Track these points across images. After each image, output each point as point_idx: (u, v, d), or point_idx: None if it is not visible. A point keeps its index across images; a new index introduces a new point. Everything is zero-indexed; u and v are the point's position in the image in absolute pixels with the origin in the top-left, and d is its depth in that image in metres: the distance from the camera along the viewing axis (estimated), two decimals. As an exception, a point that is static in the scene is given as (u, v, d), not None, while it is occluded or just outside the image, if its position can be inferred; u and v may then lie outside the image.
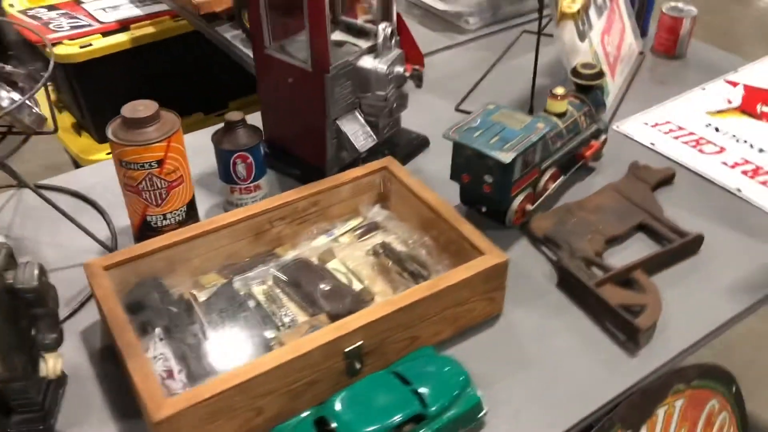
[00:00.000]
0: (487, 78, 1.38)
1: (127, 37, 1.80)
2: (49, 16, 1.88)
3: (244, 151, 0.98)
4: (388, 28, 1.03)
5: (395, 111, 1.08)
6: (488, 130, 0.93)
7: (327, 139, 1.05)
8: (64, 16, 1.88)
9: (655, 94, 1.32)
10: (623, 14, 1.39)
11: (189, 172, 0.97)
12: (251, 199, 1.02)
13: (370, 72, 1.02)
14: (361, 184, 0.97)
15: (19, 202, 1.10)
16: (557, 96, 1.03)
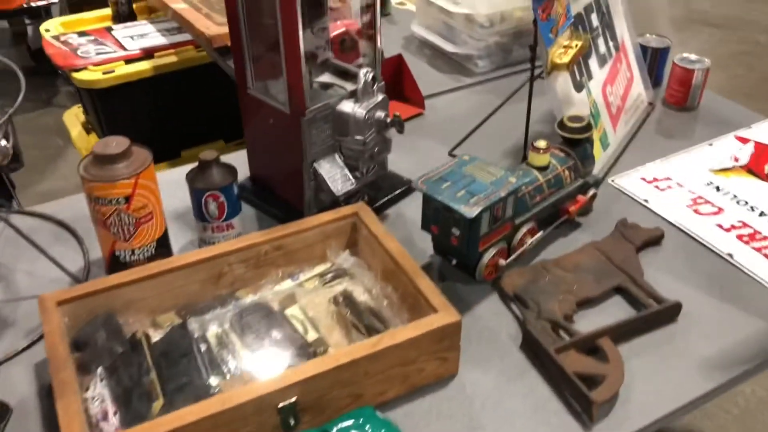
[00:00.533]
0: (489, 122, 1.36)
1: (149, 65, 1.85)
2: (78, 42, 1.94)
3: (216, 191, 0.98)
4: (370, 74, 1.02)
5: (377, 155, 1.07)
6: (457, 182, 0.91)
7: (305, 181, 1.04)
8: (93, 42, 1.94)
9: (660, 147, 1.27)
10: (632, 64, 1.36)
11: (160, 209, 0.98)
12: (223, 238, 1.02)
13: (348, 116, 1.02)
14: (329, 229, 0.96)
15: (6, 227, 1.13)
16: (539, 149, 1.00)
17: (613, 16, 1.30)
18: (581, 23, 1.19)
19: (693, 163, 1.23)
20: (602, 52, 1.26)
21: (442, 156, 1.27)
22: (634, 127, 1.33)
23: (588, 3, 1.22)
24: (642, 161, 1.24)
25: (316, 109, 1.00)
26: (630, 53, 1.36)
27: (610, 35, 1.29)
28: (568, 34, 1.12)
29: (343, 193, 1.04)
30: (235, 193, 1.00)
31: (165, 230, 1.00)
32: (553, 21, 1.06)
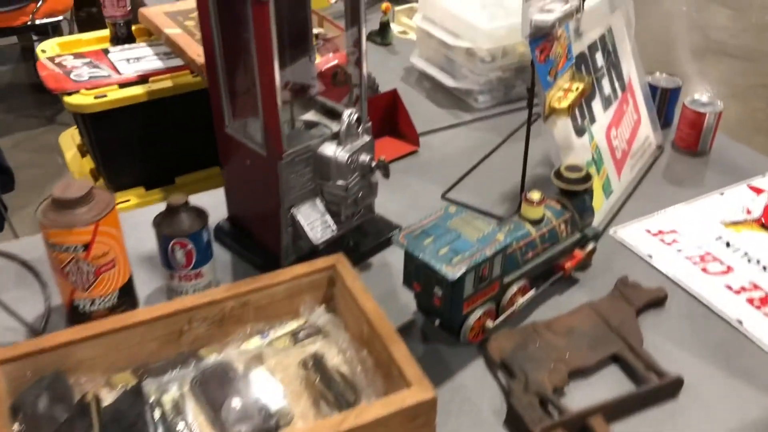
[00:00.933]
0: (487, 162, 1.29)
1: (143, 90, 1.80)
2: (73, 64, 1.90)
3: (184, 238, 0.91)
4: (354, 115, 0.96)
5: (361, 200, 1.00)
6: (441, 238, 0.84)
7: (282, 227, 0.98)
8: (87, 65, 1.89)
9: (667, 195, 1.20)
10: (639, 105, 1.28)
11: (124, 256, 0.91)
12: (192, 288, 0.95)
13: (330, 160, 0.95)
14: (302, 283, 0.89)
15: (-32, 266, 1.07)
16: (532, 201, 0.93)
17: (620, 54, 1.23)
18: (584, 63, 1.12)
19: (702, 214, 1.15)
20: (607, 94, 1.18)
21: (435, 198, 1.20)
22: (640, 173, 1.25)
23: (592, 42, 1.15)
24: (647, 210, 1.16)
25: (295, 152, 0.94)
26: (638, 93, 1.28)
27: (616, 75, 1.21)
28: (569, 75, 1.05)
29: (322, 241, 0.98)
30: (206, 239, 0.94)
31: (130, 278, 0.94)
32: (552, 62, 0.99)
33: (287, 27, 1.00)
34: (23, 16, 2.80)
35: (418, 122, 1.40)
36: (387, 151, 1.31)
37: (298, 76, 1.04)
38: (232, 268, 1.04)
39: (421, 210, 1.15)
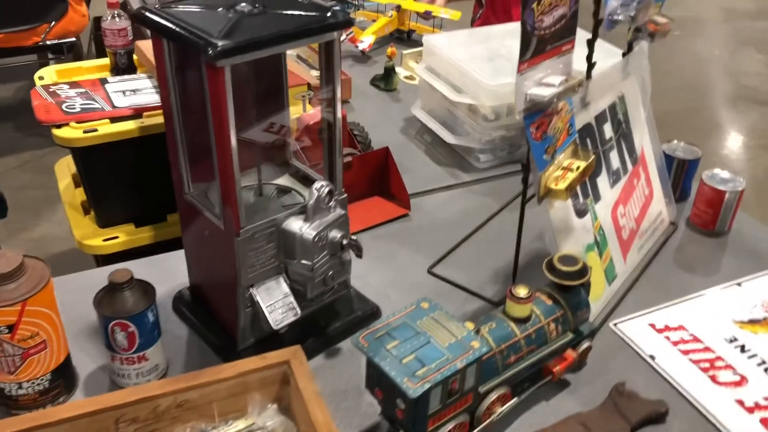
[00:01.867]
0: (481, 232, 1.18)
1: (135, 125, 1.72)
2: (67, 94, 1.83)
3: (125, 319, 0.82)
4: (325, 189, 0.86)
5: (330, 280, 0.90)
6: (407, 342, 0.74)
7: (239, 308, 0.88)
8: (81, 95, 1.82)
9: (677, 282, 1.08)
10: (652, 177, 1.17)
11: (59, 336, 0.82)
12: (135, 371, 0.86)
13: (295, 237, 0.86)
14: (251, 380, 0.79)
15: None
16: (519, 298, 0.82)
17: (632, 123, 1.12)
18: (590, 136, 1.02)
19: (715, 308, 1.03)
20: (615, 168, 1.08)
21: (421, 272, 1.09)
22: (649, 254, 1.13)
23: (601, 111, 1.04)
24: (654, 300, 1.04)
25: (256, 227, 0.84)
26: (651, 165, 1.17)
27: (627, 147, 1.11)
28: (571, 151, 0.95)
29: (283, 325, 0.88)
30: (151, 320, 0.84)
31: (66, 359, 0.85)
32: (551, 139, 0.89)
33: (258, 83, 0.92)
34: (35, 36, 2.76)
35: (414, 180, 1.31)
36: (375, 213, 1.21)
37: (269, 136, 0.96)
38: (187, 347, 0.95)
39: (405, 285, 1.06)
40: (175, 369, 0.91)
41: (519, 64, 0.81)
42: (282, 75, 0.92)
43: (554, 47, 0.85)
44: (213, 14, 0.77)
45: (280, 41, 0.74)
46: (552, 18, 0.81)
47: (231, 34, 0.72)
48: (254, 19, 0.77)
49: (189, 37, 0.72)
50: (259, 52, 0.73)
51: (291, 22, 0.77)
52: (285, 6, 0.80)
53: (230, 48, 0.71)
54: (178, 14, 0.76)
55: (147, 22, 0.77)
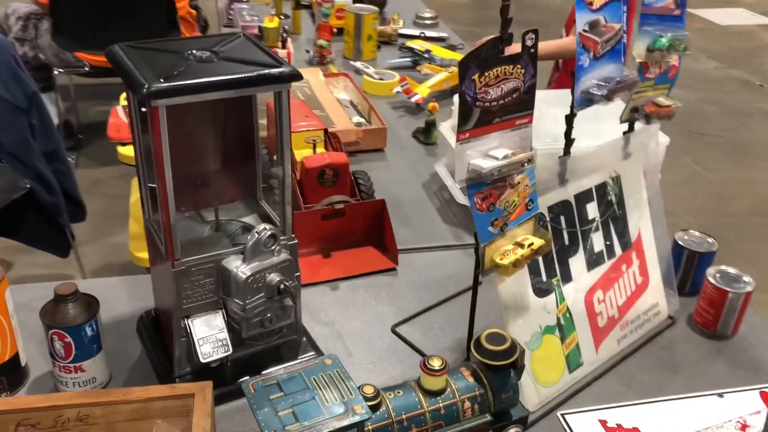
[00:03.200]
0: (460, 298, 1.15)
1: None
2: (143, 115, 1.98)
3: (61, 330, 0.87)
4: (266, 232, 0.88)
5: (268, 323, 0.92)
6: (291, 396, 0.74)
7: (174, 337, 0.91)
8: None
9: (652, 383, 1.00)
10: (650, 266, 1.10)
11: (8, 333, 0.89)
12: (71, 380, 0.91)
13: (230, 275, 0.88)
14: (155, 407, 0.82)
15: None
16: (432, 370, 0.80)
17: (628, 206, 1.06)
18: (565, 215, 0.97)
19: (682, 417, 0.94)
20: (597, 251, 1.02)
21: (385, 328, 1.08)
22: (632, 347, 1.06)
23: (583, 191, 1.00)
24: (618, 397, 0.97)
25: (193, 260, 0.87)
26: (649, 253, 1.10)
27: (617, 230, 1.05)
28: (530, 228, 0.91)
29: (212, 360, 0.90)
30: (90, 334, 0.89)
31: (14, 356, 0.91)
32: (500, 212, 0.86)
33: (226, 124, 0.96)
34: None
35: (415, 235, 1.30)
36: (362, 262, 1.22)
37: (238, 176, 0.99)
38: (134, 366, 0.99)
39: (368, 339, 1.06)
40: (116, 385, 0.95)
41: (458, 134, 0.80)
42: (252, 118, 0.95)
43: (505, 120, 0.83)
44: (168, 57, 0.82)
45: (214, 88, 0.78)
46: (500, 90, 0.80)
47: (172, 77, 0.77)
48: (203, 65, 0.81)
49: (131, 77, 0.77)
50: (192, 96, 0.77)
51: (234, 72, 0.80)
52: (240, 57, 0.84)
53: (164, 90, 0.75)
54: (137, 55, 0.82)
55: (110, 57, 0.83)
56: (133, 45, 0.85)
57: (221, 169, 0.99)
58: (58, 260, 2.28)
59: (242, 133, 0.97)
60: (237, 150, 0.98)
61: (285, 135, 0.86)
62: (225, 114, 0.95)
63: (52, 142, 2.11)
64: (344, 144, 1.48)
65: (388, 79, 1.95)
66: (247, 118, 0.96)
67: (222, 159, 0.98)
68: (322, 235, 1.21)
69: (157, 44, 0.86)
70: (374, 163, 1.57)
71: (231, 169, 0.99)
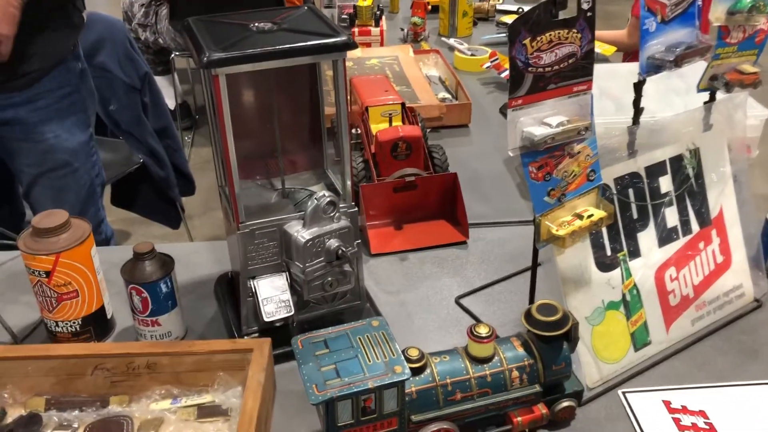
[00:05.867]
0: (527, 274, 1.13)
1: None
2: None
3: (138, 285, 0.94)
4: (325, 199, 0.91)
5: (329, 287, 0.95)
6: (336, 353, 0.76)
7: (241, 296, 0.96)
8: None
9: (727, 367, 0.95)
10: (733, 245, 1.04)
11: (92, 288, 0.97)
12: (148, 333, 0.98)
13: (290, 239, 0.92)
14: (216, 360, 0.87)
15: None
16: (479, 337, 0.80)
17: (708, 181, 1.01)
18: (634, 187, 0.94)
19: (758, 405, 0.89)
20: (670, 226, 0.98)
21: (449, 300, 1.09)
22: (709, 328, 1.01)
23: (656, 163, 0.96)
24: (686, 378, 0.93)
25: (256, 224, 0.92)
26: (733, 231, 1.04)
27: (695, 206, 1.00)
28: (593, 199, 0.89)
29: (275, 319, 0.94)
30: (164, 290, 0.96)
31: (100, 308, 0.99)
32: (558, 182, 0.85)
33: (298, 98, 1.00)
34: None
35: (489, 209, 1.30)
36: (433, 235, 1.22)
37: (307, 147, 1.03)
38: (209, 323, 1.05)
39: (430, 309, 1.07)
40: (191, 338, 1.02)
41: (510, 100, 0.79)
42: (318, 91, 0.98)
43: (560, 86, 0.81)
44: (233, 29, 0.86)
45: (269, 57, 0.81)
46: (553, 56, 0.78)
47: (231, 47, 0.81)
48: (264, 36, 0.84)
49: (195, 47, 0.82)
50: (249, 65, 0.81)
51: (294, 41, 0.83)
52: (301, 27, 0.86)
53: (221, 59, 0.79)
54: (206, 28, 0.86)
55: (184, 30, 0.88)
56: (204, 18, 0.90)
57: (291, 138, 1.02)
58: (171, 231, 2.44)
59: (312, 103, 1.00)
60: (307, 120, 1.01)
61: (342, 104, 0.89)
62: (295, 84, 0.98)
63: (164, 119, 2.25)
64: (428, 119, 1.49)
65: (480, 55, 1.93)
66: (314, 90, 0.99)
67: (292, 129, 1.02)
68: (394, 207, 1.23)
69: (228, 17, 0.90)
70: (457, 138, 1.56)
71: (300, 139, 1.03)
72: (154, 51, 3.20)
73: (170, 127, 2.28)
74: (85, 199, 1.70)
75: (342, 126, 0.91)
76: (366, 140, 1.32)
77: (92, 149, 1.70)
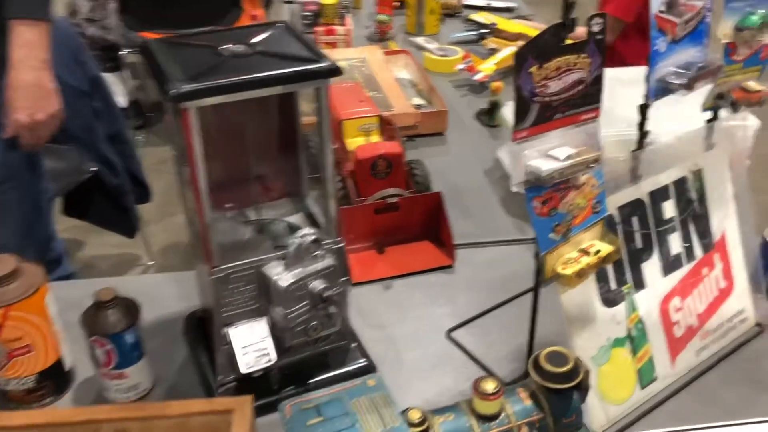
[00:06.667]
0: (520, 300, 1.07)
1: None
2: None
3: (102, 337, 0.85)
4: (308, 237, 0.82)
5: (312, 331, 0.87)
6: (331, 422, 0.68)
7: (216, 345, 0.87)
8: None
9: (736, 400, 0.90)
10: (735, 269, 0.99)
11: (47, 342, 0.87)
12: (114, 387, 0.88)
13: (270, 283, 0.83)
14: (193, 423, 0.78)
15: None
16: (485, 393, 0.73)
17: (710, 203, 0.95)
18: (638, 215, 0.88)
19: (771, 442, 0.85)
20: (675, 253, 0.92)
21: (443, 332, 1.02)
22: (714, 358, 0.96)
23: (659, 187, 0.90)
24: (698, 416, 0.88)
25: (233, 267, 0.83)
26: (734, 254, 0.99)
27: (699, 230, 0.94)
28: (598, 232, 0.82)
29: (254, 370, 0.86)
30: (131, 341, 0.86)
31: (57, 361, 0.89)
32: (563, 216, 0.78)
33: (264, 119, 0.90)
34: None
35: (475, 228, 1.23)
36: (417, 259, 1.15)
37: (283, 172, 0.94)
38: (180, 370, 0.96)
39: (421, 344, 1.00)
40: (161, 389, 0.93)
41: (514, 133, 0.72)
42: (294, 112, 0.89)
43: (567, 116, 0.74)
44: (201, 53, 0.76)
45: (246, 87, 0.72)
46: (562, 83, 0.71)
47: (201, 76, 0.71)
48: (237, 62, 0.75)
49: (158, 75, 0.72)
50: (224, 96, 0.71)
51: (271, 67, 0.74)
52: (278, 50, 0.77)
53: (191, 91, 0.70)
54: (170, 51, 0.77)
55: (144, 53, 0.78)
56: (167, 40, 0.80)
57: (264, 165, 0.93)
58: (127, 240, 2.31)
59: (286, 125, 0.91)
60: (281, 144, 0.92)
61: (325, 134, 0.80)
62: (267, 105, 0.89)
63: (116, 124, 2.12)
64: (402, 128, 1.41)
65: (450, 55, 1.85)
66: (290, 110, 0.90)
67: (265, 154, 0.93)
68: (376, 229, 1.15)
69: (192, 38, 0.81)
70: (433, 148, 1.49)
71: (274, 165, 0.94)
72: (102, 47, 3.04)
73: (123, 133, 2.15)
74: (31, 218, 1.58)
75: (326, 155, 0.82)
76: (342, 156, 1.23)
77: (35, 161, 1.57)
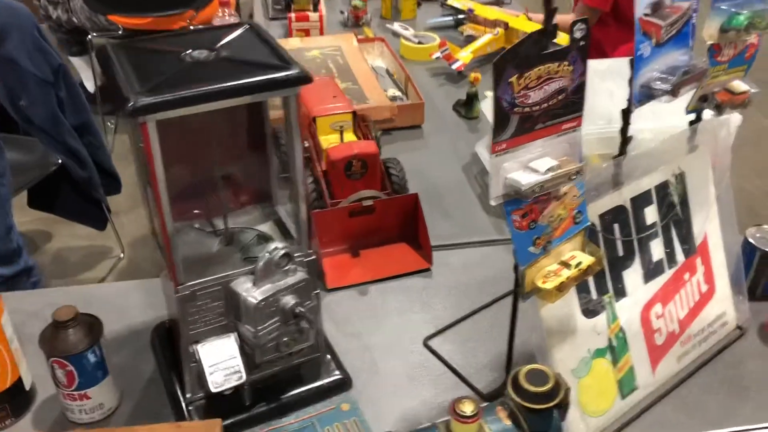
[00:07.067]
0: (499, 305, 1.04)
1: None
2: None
3: (61, 358, 0.81)
4: (278, 252, 0.79)
5: (284, 347, 0.83)
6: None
7: (183, 363, 0.84)
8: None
9: (717, 408, 0.89)
10: (716, 273, 0.97)
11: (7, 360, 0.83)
12: (77, 408, 0.85)
13: (240, 299, 0.79)
14: (161, 448, 0.75)
15: None
16: (463, 416, 0.70)
17: (693, 206, 0.93)
18: (620, 222, 0.85)
19: (753, 452, 0.83)
20: (656, 260, 0.90)
21: (420, 340, 0.99)
22: (695, 364, 0.95)
23: (641, 193, 0.87)
24: (679, 426, 0.87)
25: (199, 284, 0.79)
26: (716, 258, 0.97)
27: (680, 235, 0.92)
28: (578, 243, 0.80)
29: (224, 389, 0.82)
30: (93, 360, 0.83)
31: (17, 381, 0.85)
32: (543, 229, 0.75)
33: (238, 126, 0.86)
34: (182, 21, 2.90)
35: (452, 228, 1.20)
36: (394, 263, 1.12)
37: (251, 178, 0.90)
38: (147, 385, 0.92)
39: (397, 353, 0.97)
40: (127, 406, 0.89)
41: (493, 145, 0.69)
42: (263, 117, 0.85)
43: (548, 125, 0.71)
44: (162, 60, 0.72)
45: (209, 99, 0.68)
46: (543, 93, 0.68)
47: (161, 87, 0.67)
48: (200, 70, 0.71)
49: (121, 86, 0.68)
50: (185, 109, 0.67)
51: (236, 75, 0.70)
52: (244, 55, 0.73)
53: (150, 104, 0.65)
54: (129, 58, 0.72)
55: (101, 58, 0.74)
56: (126, 44, 0.75)
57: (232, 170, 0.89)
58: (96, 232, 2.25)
59: (254, 128, 0.87)
60: (249, 147, 0.88)
61: (296, 140, 0.76)
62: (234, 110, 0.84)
63: (83, 115, 2.05)
64: (378, 122, 1.37)
65: (427, 42, 1.81)
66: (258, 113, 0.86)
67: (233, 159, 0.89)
68: (351, 233, 1.12)
69: (155, 41, 0.76)
70: (410, 142, 1.45)
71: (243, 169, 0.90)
72: (68, 30, 2.94)
73: (90, 123, 2.08)
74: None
75: (297, 166, 0.78)
76: (315, 155, 1.19)
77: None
